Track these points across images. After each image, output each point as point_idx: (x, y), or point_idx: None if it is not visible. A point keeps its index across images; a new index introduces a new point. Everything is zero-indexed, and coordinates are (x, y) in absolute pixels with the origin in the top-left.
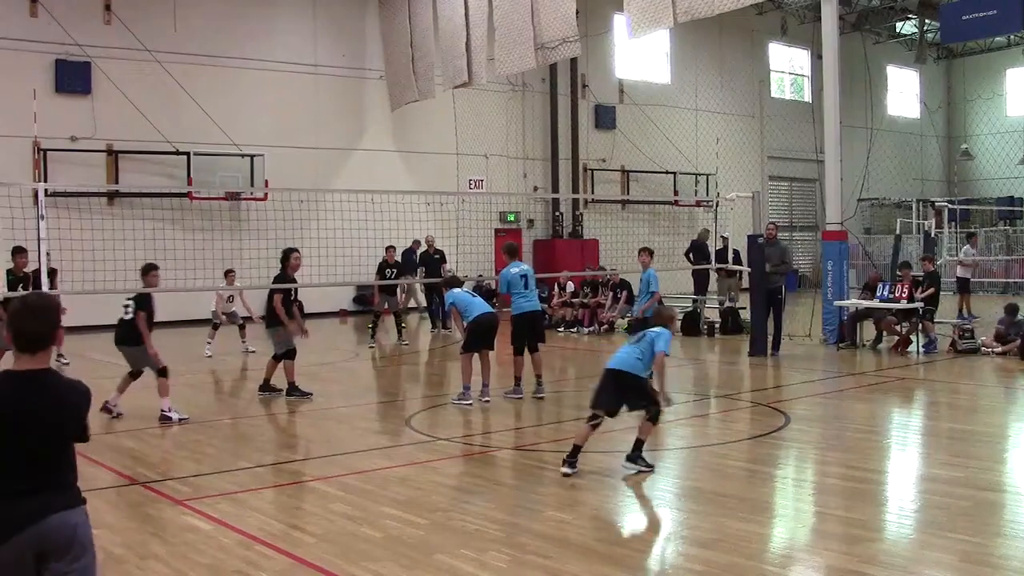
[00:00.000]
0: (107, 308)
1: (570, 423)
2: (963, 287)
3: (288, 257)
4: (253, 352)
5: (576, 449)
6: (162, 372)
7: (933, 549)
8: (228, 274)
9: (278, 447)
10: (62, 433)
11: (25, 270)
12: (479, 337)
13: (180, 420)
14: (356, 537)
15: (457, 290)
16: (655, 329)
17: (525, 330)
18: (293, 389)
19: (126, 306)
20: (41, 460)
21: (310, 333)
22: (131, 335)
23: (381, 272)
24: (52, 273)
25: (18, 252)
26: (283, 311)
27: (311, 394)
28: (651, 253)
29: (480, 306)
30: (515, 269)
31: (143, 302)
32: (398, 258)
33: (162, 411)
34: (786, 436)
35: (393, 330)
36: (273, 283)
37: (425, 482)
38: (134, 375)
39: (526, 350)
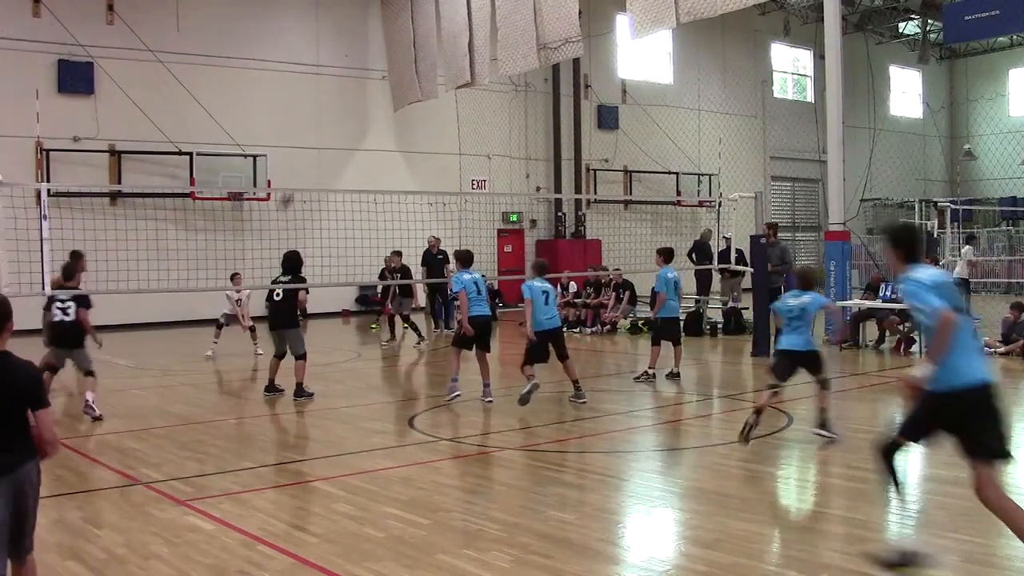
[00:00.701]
0: (109, 308)
1: (572, 423)
2: (962, 287)
3: (301, 260)
4: (261, 355)
5: (759, 412)
6: (91, 373)
7: (935, 549)
8: (234, 277)
9: (281, 447)
10: (26, 400)
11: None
12: (469, 337)
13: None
14: (358, 537)
15: (468, 276)
16: (805, 301)
17: (545, 345)
18: (301, 391)
19: (64, 308)
20: (9, 422)
21: (312, 333)
22: (75, 336)
23: (383, 279)
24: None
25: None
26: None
27: (312, 394)
28: (662, 254)
29: (477, 306)
30: (538, 284)
31: (84, 300)
32: (406, 262)
33: (87, 402)
34: (789, 436)
35: (399, 331)
36: (292, 284)
37: (427, 482)
38: (91, 375)
39: (559, 360)
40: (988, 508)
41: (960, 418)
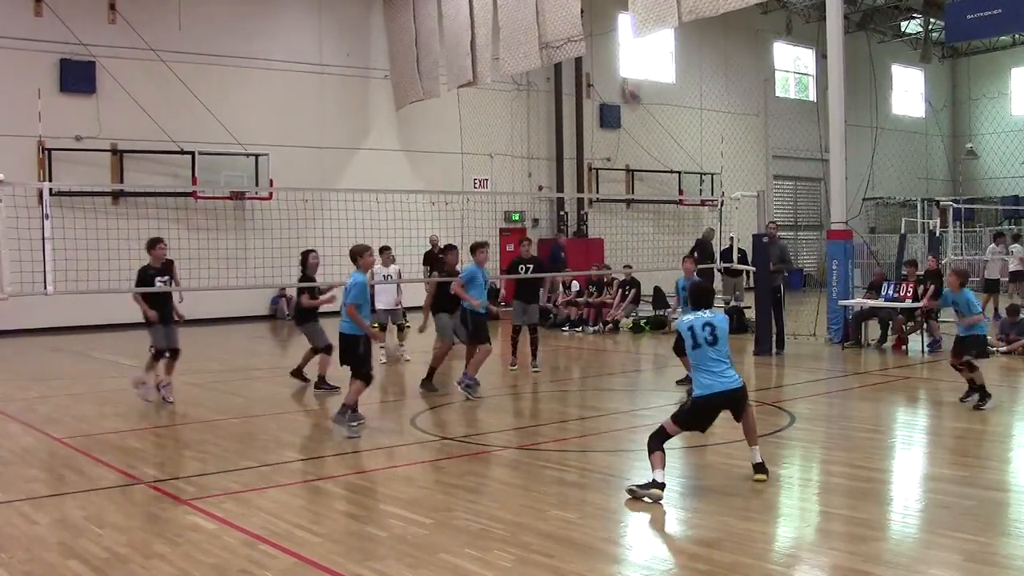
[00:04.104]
0: (112, 308)
1: (573, 422)
2: (991, 287)
3: (306, 258)
4: (408, 361)
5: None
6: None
7: (938, 548)
8: (384, 251)
9: (282, 446)
10: None
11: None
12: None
13: None
14: (361, 536)
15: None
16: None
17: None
18: (322, 382)
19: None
20: None
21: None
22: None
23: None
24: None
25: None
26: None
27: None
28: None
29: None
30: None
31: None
32: (407, 261)
33: None
34: (791, 435)
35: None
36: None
37: (429, 481)
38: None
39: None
40: None
41: None
